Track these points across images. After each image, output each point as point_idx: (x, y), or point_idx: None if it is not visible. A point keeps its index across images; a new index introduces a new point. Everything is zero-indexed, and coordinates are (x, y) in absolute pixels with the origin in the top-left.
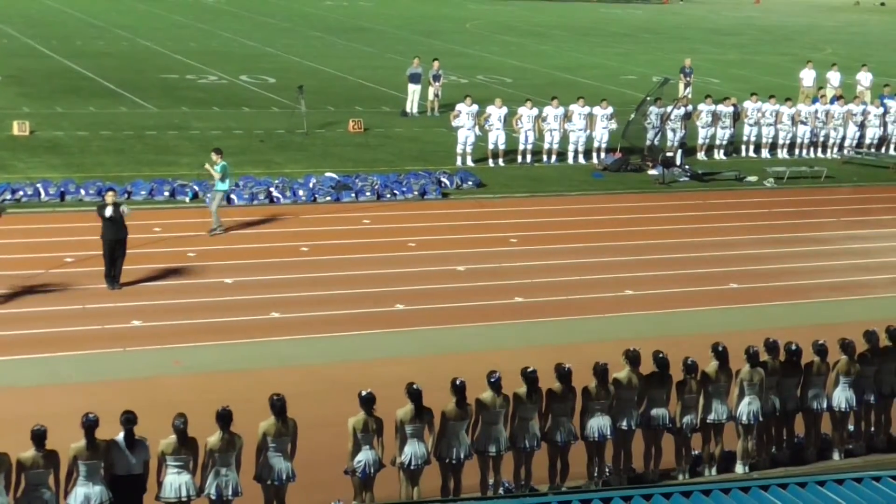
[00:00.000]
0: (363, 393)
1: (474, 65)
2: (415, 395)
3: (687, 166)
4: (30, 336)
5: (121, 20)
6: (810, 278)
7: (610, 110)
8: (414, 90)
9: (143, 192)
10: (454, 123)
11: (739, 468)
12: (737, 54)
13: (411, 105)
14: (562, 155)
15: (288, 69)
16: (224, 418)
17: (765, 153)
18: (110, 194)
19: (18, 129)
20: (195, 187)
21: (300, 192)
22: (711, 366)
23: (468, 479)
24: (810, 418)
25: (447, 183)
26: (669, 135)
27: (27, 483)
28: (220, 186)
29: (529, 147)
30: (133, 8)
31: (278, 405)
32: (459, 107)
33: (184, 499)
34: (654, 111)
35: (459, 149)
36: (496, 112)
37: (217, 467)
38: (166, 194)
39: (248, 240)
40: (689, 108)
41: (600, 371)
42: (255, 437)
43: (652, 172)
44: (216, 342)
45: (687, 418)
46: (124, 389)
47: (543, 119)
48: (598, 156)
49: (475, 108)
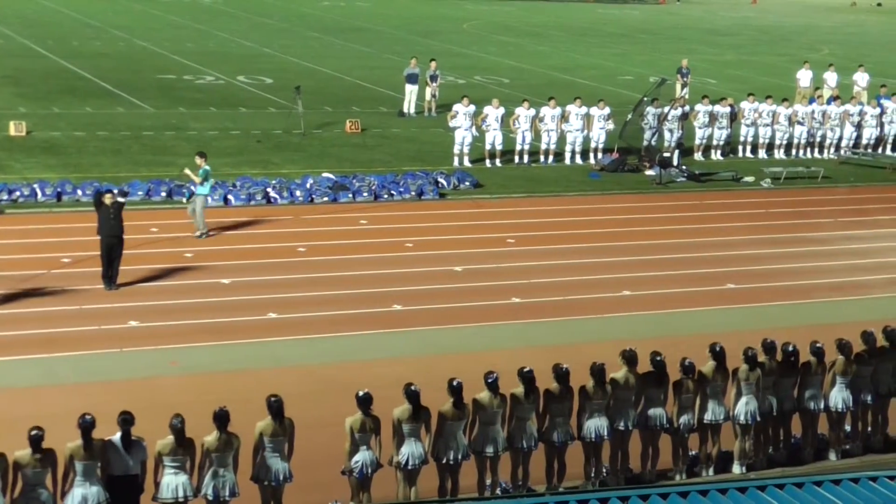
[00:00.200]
0: (360, 393)
1: (471, 65)
2: (412, 395)
3: (684, 167)
4: (27, 337)
5: (117, 20)
6: (808, 278)
7: (607, 111)
8: (411, 90)
9: (140, 193)
10: (451, 124)
11: (736, 468)
12: (733, 55)
13: (408, 105)
14: (559, 155)
15: (285, 69)
16: (221, 419)
17: (762, 153)
18: (108, 196)
19: (15, 129)
20: (192, 188)
21: (297, 193)
22: (708, 366)
23: (465, 480)
24: (807, 419)
25: (444, 183)
26: (667, 135)
27: (24, 483)
28: (201, 190)
29: (527, 147)
30: (130, 8)
31: (275, 406)
32: (457, 107)
33: (181, 499)
34: (651, 112)
35: (457, 149)
36: (493, 112)
37: (214, 468)
38: (163, 195)
39: (246, 240)
40: (686, 108)
41: (597, 371)
42: (252, 437)
43: (649, 173)
44: (213, 343)
45: (684, 418)
46: (121, 390)
47: (540, 119)
48: (595, 156)
49: (472, 108)
